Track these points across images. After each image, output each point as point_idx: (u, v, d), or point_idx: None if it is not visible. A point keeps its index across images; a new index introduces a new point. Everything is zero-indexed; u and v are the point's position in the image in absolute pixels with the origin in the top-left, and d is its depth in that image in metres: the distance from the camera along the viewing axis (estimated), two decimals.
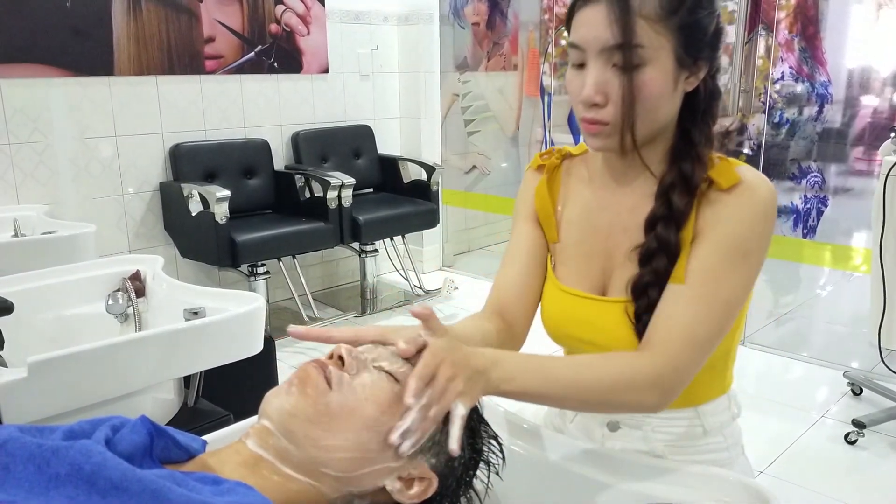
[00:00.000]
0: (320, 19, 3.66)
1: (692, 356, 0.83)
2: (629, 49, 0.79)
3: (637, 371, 0.81)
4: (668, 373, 0.81)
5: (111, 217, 3.09)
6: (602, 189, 0.96)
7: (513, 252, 1.02)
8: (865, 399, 2.61)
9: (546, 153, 1.04)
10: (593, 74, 0.82)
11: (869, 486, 2.10)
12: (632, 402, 0.82)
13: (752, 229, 0.85)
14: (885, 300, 2.27)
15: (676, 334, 0.82)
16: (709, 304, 0.83)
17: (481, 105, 4.34)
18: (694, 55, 0.83)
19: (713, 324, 0.84)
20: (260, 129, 3.50)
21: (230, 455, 0.67)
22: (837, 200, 3.13)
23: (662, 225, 0.87)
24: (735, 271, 0.84)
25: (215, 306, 1.52)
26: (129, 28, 2.99)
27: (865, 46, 3.01)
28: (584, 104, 0.84)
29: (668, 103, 0.85)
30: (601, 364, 0.82)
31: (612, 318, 0.92)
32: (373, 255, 3.70)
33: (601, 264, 0.96)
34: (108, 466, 0.54)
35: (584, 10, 0.83)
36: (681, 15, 0.80)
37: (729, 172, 0.86)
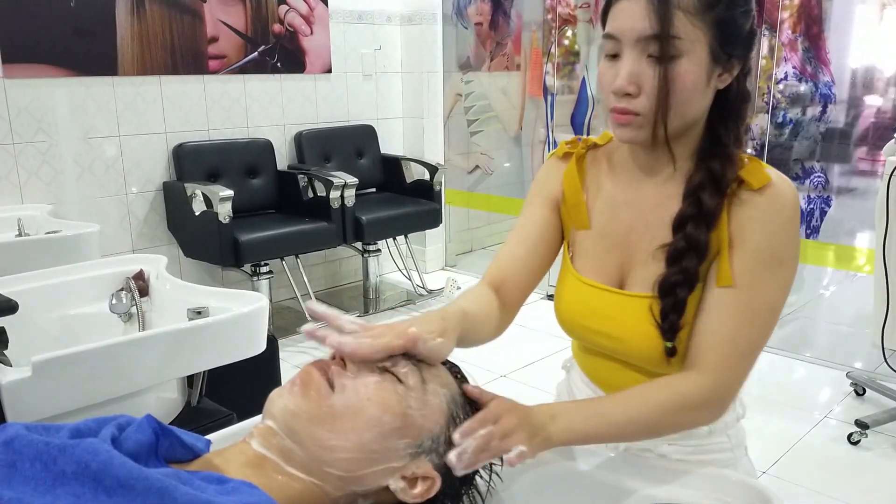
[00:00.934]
0: (323, 19, 3.66)
1: (739, 370, 0.85)
2: (666, 39, 0.80)
3: (687, 396, 0.83)
4: (718, 390, 0.84)
5: (114, 217, 3.10)
6: (626, 183, 0.96)
7: (523, 231, 1.02)
8: (868, 399, 2.60)
9: (571, 142, 1.04)
10: (628, 64, 0.83)
11: (871, 487, 2.10)
12: (686, 423, 0.86)
13: (788, 235, 0.85)
14: (888, 301, 2.27)
15: (721, 350, 0.84)
16: (752, 315, 0.85)
17: (484, 105, 4.34)
18: (728, 52, 0.83)
19: (757, 334, 0.85)
20: (263, 129, 3.51)
21: (235, 455, 0.68)
22: (841, 201, 3.13)
23: (692, 225, 0.87)
24: (775, 278, 0.85)
25: (218, 306, 1.52)
26: (132, 28, 2.99)
27: (869, 46, 3.00)
28: (617, 94, 0.84)
29: (700, 98, 0.85)
30: (652, 396, 0.84)
31: (634, 313, 0.92)
32: (375, 254, 3.71)
33: (619, 258, 0.96)
34: (114, 465, 0.54)
35: (621, 1, 0.83)
36: (718, 10, 0.81)
37: (760, 172, 0.86)
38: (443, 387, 0.75)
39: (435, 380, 0.74)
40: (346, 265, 4.02)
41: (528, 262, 1.00)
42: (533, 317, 1.02)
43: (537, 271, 1.01)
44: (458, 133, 4.34)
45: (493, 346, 0.98)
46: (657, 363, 0.92)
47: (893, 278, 2.25)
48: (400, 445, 0.69)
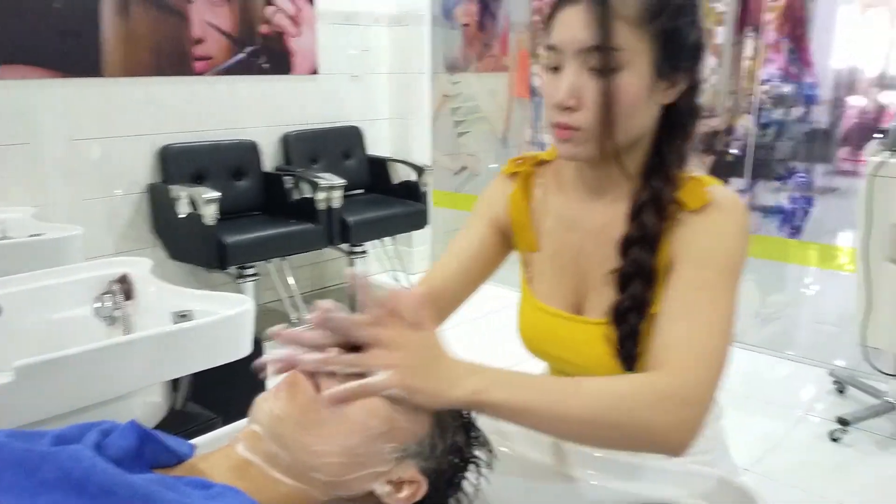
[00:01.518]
0: (310, 20, 3.65)
1: (708, 374, 0.75)
2: (606, 51, 0.77)
3: (654, 385, 0.73)
4: (680, 389, 0.73)
5: (99, 219, 3.08)
6: (574, 201, 0.94)
7: (461, 246, 1.00)
8: (850, 397, 2.64)
9: (520, 159, 1.01)
10: (568, 77, 0.80)
11: (853, 483, 2.13)
12: (650, 421, 0.70)
13: (733, 244, 0.82)
14: (870, 299, 2.30)
15: (685, 351, 0.76)
16: (711, 324, 0.78)
17: (472, 106, 4.34)
18: (673, 64, 0.80)
19: (715, 340, 0.77)
20: (249, 131, 3.50)
21: (220, 459, 0.68)
22: (823, 200, 3.16)
23: (638, 248, 0.84)
24: (725, 286, 0.80)
25: (203, 309, 1.52)
26: (118, 29, 2.98)
27: (852, 48, 3.03)
28: (557, 108, 0.81)
29: (643, 113, 0.82)
30: (605, 380, 0.76)
31: (591, 340, 0.90)
32: (362, 256, 3.70)
33: (575, 281, 0.94)
34: (97, 471, 0.54)
35: (563, 10, 0.81)
36: (662, 20, 0.78)
37: (698, 193, 0.83)
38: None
39: None
40: (332, 267, 4.01)
41: (458, 278, 0.98)
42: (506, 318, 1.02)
43: (467, 287, 0.99)
44: (445, 134, 4.34)
45: (478, 346, 0.98)
46: None
47: (875, 277, 2.28)
48: (386, 450, 0.70)
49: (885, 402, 2.40)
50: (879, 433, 2.37)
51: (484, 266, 1.00)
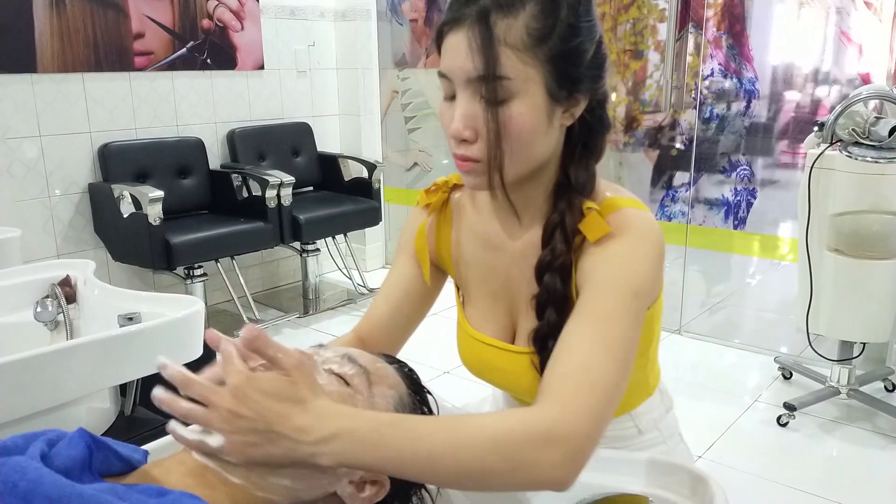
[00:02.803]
0: (254, 14, 3.58)
1: (593, 402, 0.68)
2: (493, 81, 0.71)
3: (528, 423, 0.65)
4: (566, 424, 0.65)
5: (37, 221, 2.96)
6: (494, 224, 0.90)
7: (390, 285, 0.97)
8: (795, 383, 2.72)
9: (433, 188, 0.97)
10: (461, 107, 0.75)
11: (801, 466, 2.20)
12: (527, 461, 0.64)
13: (636, 267, 0.77)
14: (812, 287, 2.37)
15: (571, 380, 0.69)
16: (603, 345, 0.72)
17: (421, 102, 4.33)
18: (569, 87, 0.75)
19: (610, 366, 0.71)
20: (193, 128, 3.41)
21: (174, 465, 0.65)
22: (765, 192, 3.25)
23: (549, 274, 0.81)
24: (626, 310, 0.74)
25: (151, 311, 1.47)
26: (52, 23, 2.86)
27: (789, 43, 3.13)
28: (454, 139, 0.77)
29: (541, 140, 0.77)
30: (480, 420, 0.66)
31: (519, 369, 0.89)
32: (314, 254, 3.66)
33: (506, 306, 0.92)
34: (44, 483, 0.51)
35: (448, 36, 0.74)
36: (551, 44, 0.72)
37: (597, 224, 0.78)
38: (390, 388, 0.74)
39: (382, 382, 0.73)
40: (284, 266, 3.95)
41: (390, 318, 0.95)
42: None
43: (402, 326, 0.97)
44: (396, 130, 4.32)
45: (436, 343, 0.97)
46: None
47: (816, 266, 2.36)
48: None
49: (829, 387, 2.49)
50: (824, 417, 2.46)
51: (416, 301, 0.97)
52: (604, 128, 0.83)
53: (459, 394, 0.81)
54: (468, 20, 0.72)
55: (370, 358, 0.75)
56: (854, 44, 2.93)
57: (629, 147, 3.54)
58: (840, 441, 2.33)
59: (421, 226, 0.97)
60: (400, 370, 0.78)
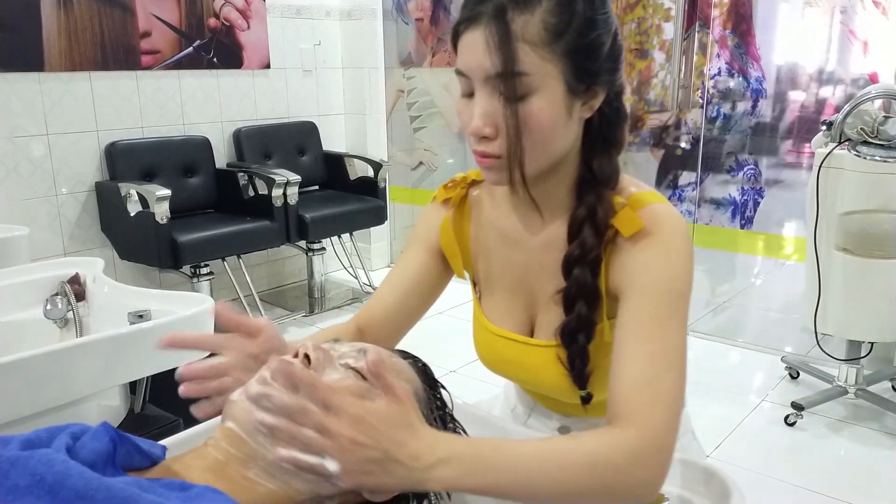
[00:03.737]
0: (260, 13, 3.58)
1: (667, 415, 0.72)
2: (512, 78, 0.72)
3: (615, 448, 0.69)
4: (650, 442, 0.70)
5: (44, 219, 2.97)
6: (513, 219, 0.91)
7: (398, 275, 0.97)
8: (802, 382, 2.71)
9: (451, 183, 0.98)
10: (480, 105, 0.75)
11: (809, 466, 2.19)
12: (620, 483, 0.68)
13: (676, 271, 0.78)
14: (819, 287, 2.37)
15: (641, 396, 0.72)
16: (666, 357, 0.75)
17: (427, 101, 4.33)
18: (587, 80, 0.76)
19: (672, 375, 0.75)
20: (200, 126, 3.41)
21: (195, 460, 0.65)
22: (772, 192, 3.24)
23: (579, 268, 0.81)
24: (674, 316, 0.77)
25: (160, 309, 1.47)
26: (59, 22, 2.86)
27: (796, 43, 3.12)
28: (474, 136, 0.77)
29: (561, 134, 0.78)
30: (577, 447, 0.70)
31: (542, 363, 0.89)
32: (320, 253, 3.66)
33: (525, 301, 0.92)
34: (71, 475, 0.51)
35: (465, 34, 0.75)
36: (568, 38, 0.73)
37: (630, 219, 0.79)
38: (406, 383, 0.73)
39: (398, 376, 0.73)
40: (289, 264, 3.95)
41: (395, 309, 0.96)
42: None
43: (406, 317, 0.97)
44: (401, 129, 4.32)
45: (441, 341, 0.97)
46: (574, 400, 0.90)
47: (824, 265, 2.35)
48: None
49: (837, 386, 2.48)
50: (832, 416, 2.45)
51: (424, 294, 0.97)
52: (622, 119, 0.83)
53: (466, 392, 0.81)
54: (484, 18, 0.73)
55: (386, 352, 0.75)
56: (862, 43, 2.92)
57: (634, 146, 3.53)
58: (848, 441, 2.32)
59: (445, 221, 0.96)
60: (414, 365, 0.78)
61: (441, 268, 0.98)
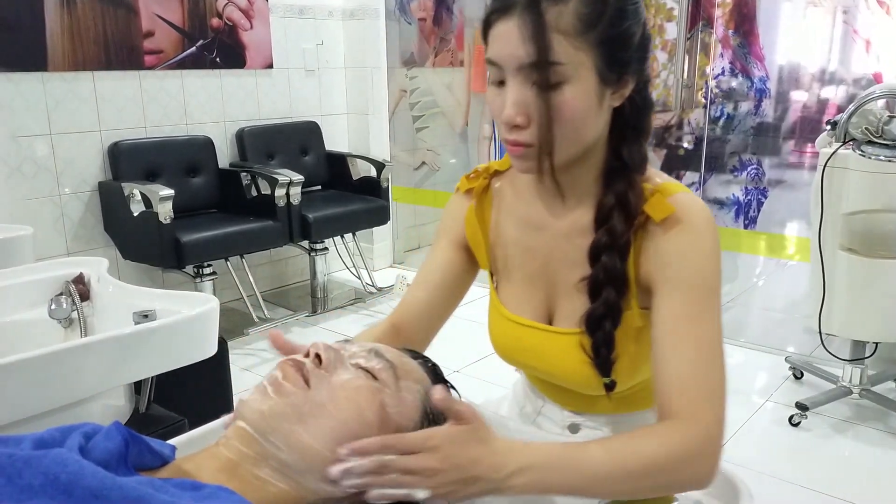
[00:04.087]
0: (263, 13, 3.58)
1: (716, 409, 0.77)
2: (546, 67, 0.73)
3: (675, 449, 0.73)
4: (702, 437, 0.75)
5: (47, 219, 2.97)
6: (536, 207, 0.91)
7: (426, 272, 0.99)
8: (806, 382, 2.71)
9: (473, 174, 0.99)
10: (513, 94, 0.76)
11: (813, 466, 2.19)
12: (680, 480, 0.75)
13: (709, 263, 0.80)
14: (824, 287, 2.36)
15: (689, 393, 0.76)
16: (707, 349, 0.79)
17: (429, 101, 4.33)
18: (618, 70, 0.77)
19: (715, 369, 0.79)
20: (203, 126, 3.41)
21: (206, 459, 0.65)
22: (776, 192, 3.24)
23: (607, 255, 0.82)
24: (709, 308, 0.80)
25: (165, 308, 1.47)
26: (62, 21, 2.86)
27: (800, 42, 3.12)
28: (506, 125, 0.78)
29: (592, 122, 0.79)
30: (643, 449, 0.73)
31: (564, 350, 0.89)
32: (323, 253, 3.66)
33: (544, 290, 0.92)
34: (85, 475, 0.51)
35: (497, 24, 0.76)
36: (601, 28, 0.74)
37: (662, 204, 0.81)
38: (416, 383, 0.73)
39: (408, 376, 0.73)
40: (292, 265, 3.95)
41: (427, 304, 0.97)
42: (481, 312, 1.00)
43: (439, 312, 0.98)
44: (404, 129, 4.32)
45: (444, 341, 0.97)
46: (594, 390, 0.90)
47: (829, 265, 2.35)
48: None
49: (841, 387, 2.47)
50: (836, 417, 2.45)
51: (451, 290, 0.99)
52: (649, 107, 0.85)
53: (470, 393, 0.81)
54: (518, 7, 0.74)
55: (396, 353, 0.75)
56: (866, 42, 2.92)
57: None
58: (852, 441, 2.32)
59: (469, 211, 0.97)
60: (424, 365, 0.78)
61: (467, 259, 0.99)
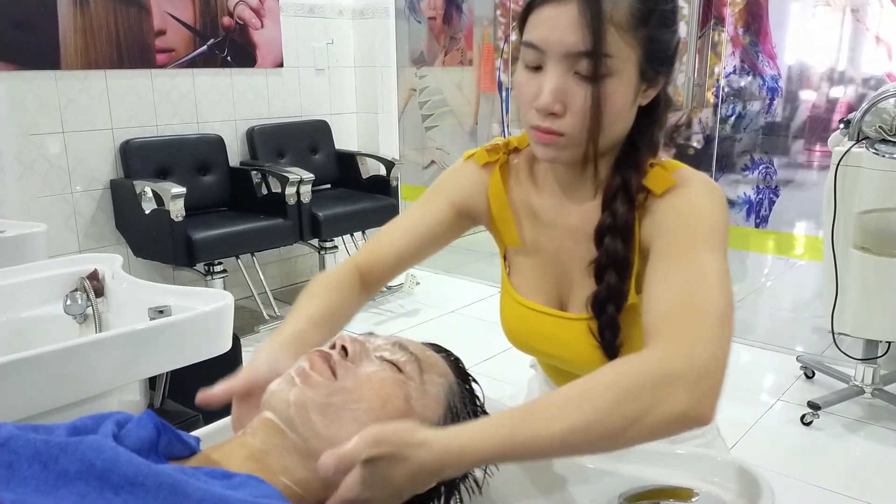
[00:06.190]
0: (274, 12, 3.59)
1: (701, 329, 0.66)
2: (598, 58, 0.73)
3: (646, 370, 0.64)
4: (677, 357, 0.64)
5: (59, 217, 2.98)
6: (548, 197, 0.91)
7: (411, 220, 0.95)
8: (818, 382, 2.70)
9: (492, 148, 0.96)
10: (553, 81, 0.75)
11: (826, 465, 2.18)
12: (652, 407, 0.62)
13: (708, 210, 0.78)
14: (837, 286, 2.35)
15: (672, 316, 0.68)
16: (704, 278, 0.71)
17: (439, 100, 4.33)
18: (655, 69, 0.78)
19: (711, 290, 0.70)
20: (213, 125, 3.42)
21: (234, 449, 0.65)
22: (788, 191, 3.23)
23: (610, 237, 0.82)
24: (712, 243, 0.75)
25: (180, 304, 1.48)
26: (75, 20, 2.88)
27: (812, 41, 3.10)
28: (541, 112, 0.77)
29: (625, 118, 0.80)
30: (601, 377, 0.64)
31: (574, 335, 0.89)
32: (332, 251, 3.66)
33: (556, 276, 0.92)
34: (121, 461, 0.52)
35: (546, 7, 0.75)
36: (650, 26, 0.75)
37: (663, 178, 0.81)
38: (440, 376, 0.74)
39: (432, 370, 0.73)
40: (301, 263, 3.96)
41: (402, 254, 0.94)
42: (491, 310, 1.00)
43: (407, 265, 0.96)
44: (413, 128, 4.32)
45: (454, 340, 0.97)
46: None
47: (842, 264, 2.34)
48: None
49: (854, 386, 2.46)
50: (848, 416, 2.44)
51: (432, 245, 0.96)
52: (668, 106, 0.85)
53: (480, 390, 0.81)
54: None
55: (419, 346, 0.75)
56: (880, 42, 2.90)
57: None
58: (865, 440, 2.31)
59: (494, 186, 0.94)
60: (447, 358, 0.79)
61: (460, 225, 0.97)
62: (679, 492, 0.82)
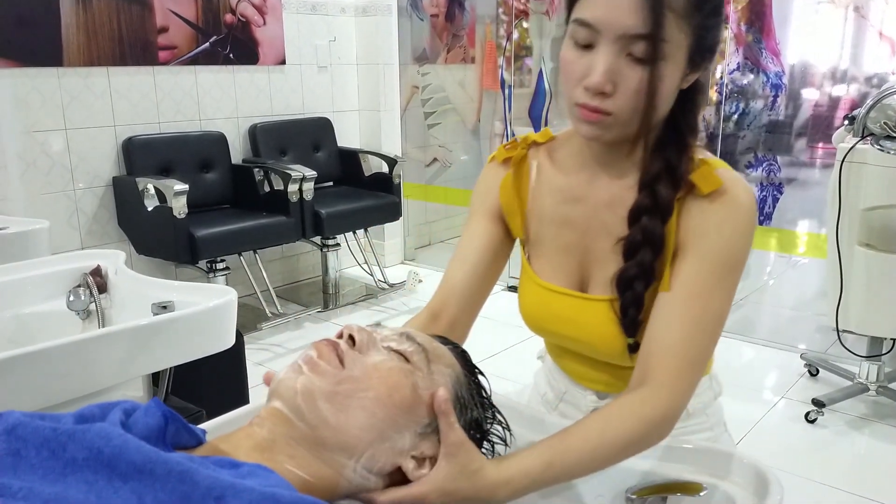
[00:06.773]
0: (276, 10, 3.59)
1: (691, 380, 0.81)
2: (656, 41, 0.74)
3: (650, 421, 0.77)
4: (674, 406, 0.79)
5: (62, 214, 2.98)
6: (576, 177, 0.92)
7: (463, 251, 0.97)
8: (821, 379, 2.69)
9: (510, 144, 0.98)
10: (605, 61, 0.76)
11: (830, 463, 2.17)
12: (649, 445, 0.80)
13: (740, 242, 0.82)
14: (841, 283, 2.34)
15: (674, 361, 0.79)
16: (701, 324, 0.81)
17: (441, 97, 4.32)
18: (701, 56, 0.80)
19: (706, 342, 0.82)
20: (216, 122, 3.42)
21: (242, 439, 0.65)
22: (792, 188, 3.22)
23: (648, 217, 0.83)
24: (723, 285, 0.82)
25: (183, 300, 1.47)
26: (78, 17, 2.88)
27: (817, 38, 3.09)
28: (591, 90, 0.77)
29: (669, 101, 0.81)
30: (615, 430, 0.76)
31: (595, 316, 0.90)
32: (335, 249, 3.66)
33: (578, 259, 0.93)
34: (129, 449, 0.51)
35: None
36: (702, 14, 0.77)
37: (710, 176, 0.82)
38: (447, 367, 0.73)
39: (439, 360, 0.73)
40: (304, 260, 3.96)
41: (468, 283, 0.95)
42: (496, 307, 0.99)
43: (481, 290, 0.97)
44: (416, 126, 4.31)
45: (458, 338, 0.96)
46: (621, 358, 0.91)
47: (846, 261, 2.33)
48: (409, 424, 0.68)
49: (858, 383, 2.46)
50: (853, 414, 2.43)
51: (492, 262, 0.97)
52: (706, 93, 0.87)
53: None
54: None
55: (426, 338, 0.75)
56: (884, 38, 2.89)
57: None
58: (869, 437, 2.30)
59: (505, 179, 0.97)
60: (454, 350, 0.78)
61: (503, 231, 0.99)
62: (687, 486, 0.81)
